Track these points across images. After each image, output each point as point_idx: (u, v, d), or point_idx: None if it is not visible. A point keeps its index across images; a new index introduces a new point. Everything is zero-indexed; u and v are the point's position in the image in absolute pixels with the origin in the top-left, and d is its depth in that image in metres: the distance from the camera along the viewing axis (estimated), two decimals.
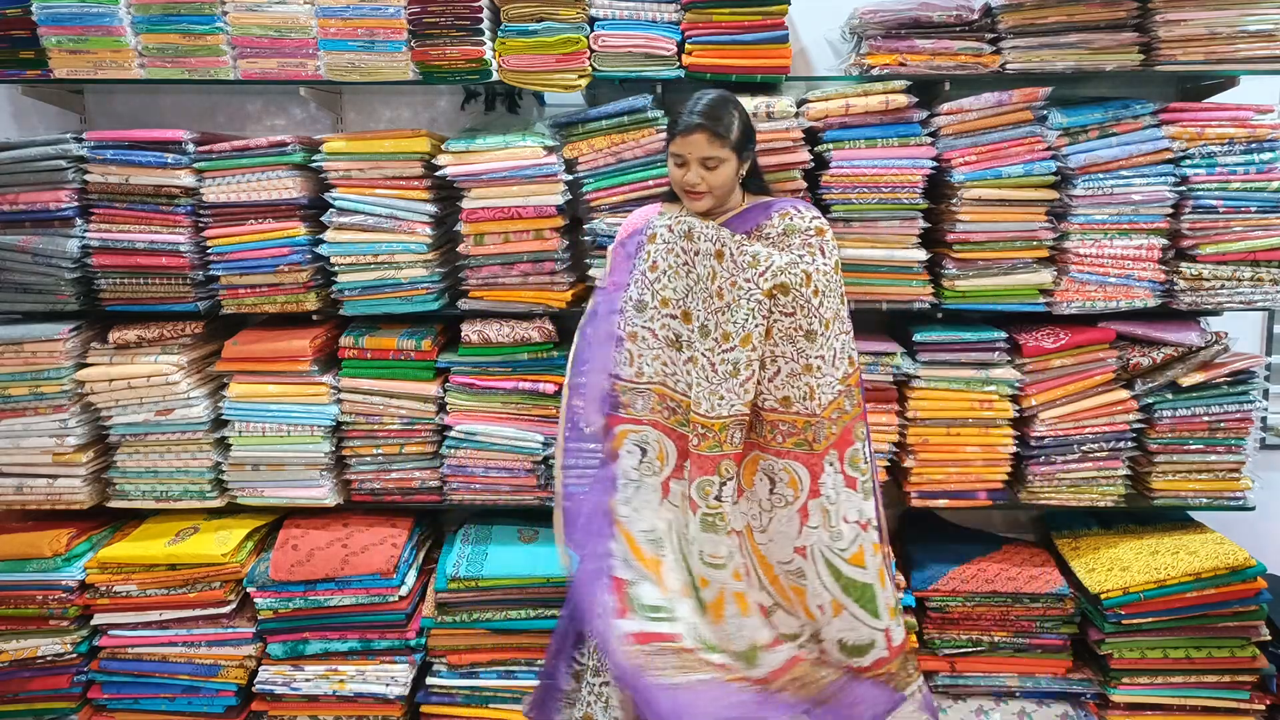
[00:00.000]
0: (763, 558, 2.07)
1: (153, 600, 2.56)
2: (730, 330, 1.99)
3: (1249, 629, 2.50)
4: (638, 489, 2.05)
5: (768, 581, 2.08)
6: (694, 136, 2.00)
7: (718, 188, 2.05)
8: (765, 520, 2.06)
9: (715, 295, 2.00)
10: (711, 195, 2.06)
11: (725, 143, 2.01)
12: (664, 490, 2.06)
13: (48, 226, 2.55)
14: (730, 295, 1.99)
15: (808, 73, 2.81)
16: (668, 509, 2.05)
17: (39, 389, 2.56)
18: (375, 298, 2.57)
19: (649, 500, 2.04)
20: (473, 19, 2.43)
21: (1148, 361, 2.53)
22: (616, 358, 2.06)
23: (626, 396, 2.08)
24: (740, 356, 1.98)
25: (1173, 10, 2.42)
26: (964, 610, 2.60)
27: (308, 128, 2.88)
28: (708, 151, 2.01)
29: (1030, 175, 2.45)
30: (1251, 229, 2.49)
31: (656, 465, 2.06)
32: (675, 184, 2.09)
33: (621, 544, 1.99)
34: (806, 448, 2.01)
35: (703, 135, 2.00)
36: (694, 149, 2.01)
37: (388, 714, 2.59)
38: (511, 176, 2.47)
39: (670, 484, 2.06)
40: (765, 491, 2.05)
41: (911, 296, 2.54)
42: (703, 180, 2.03)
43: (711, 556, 2.03)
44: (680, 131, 2.02)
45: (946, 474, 2.61)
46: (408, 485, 2.68)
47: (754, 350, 1.98)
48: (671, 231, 2.07)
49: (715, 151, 2.01)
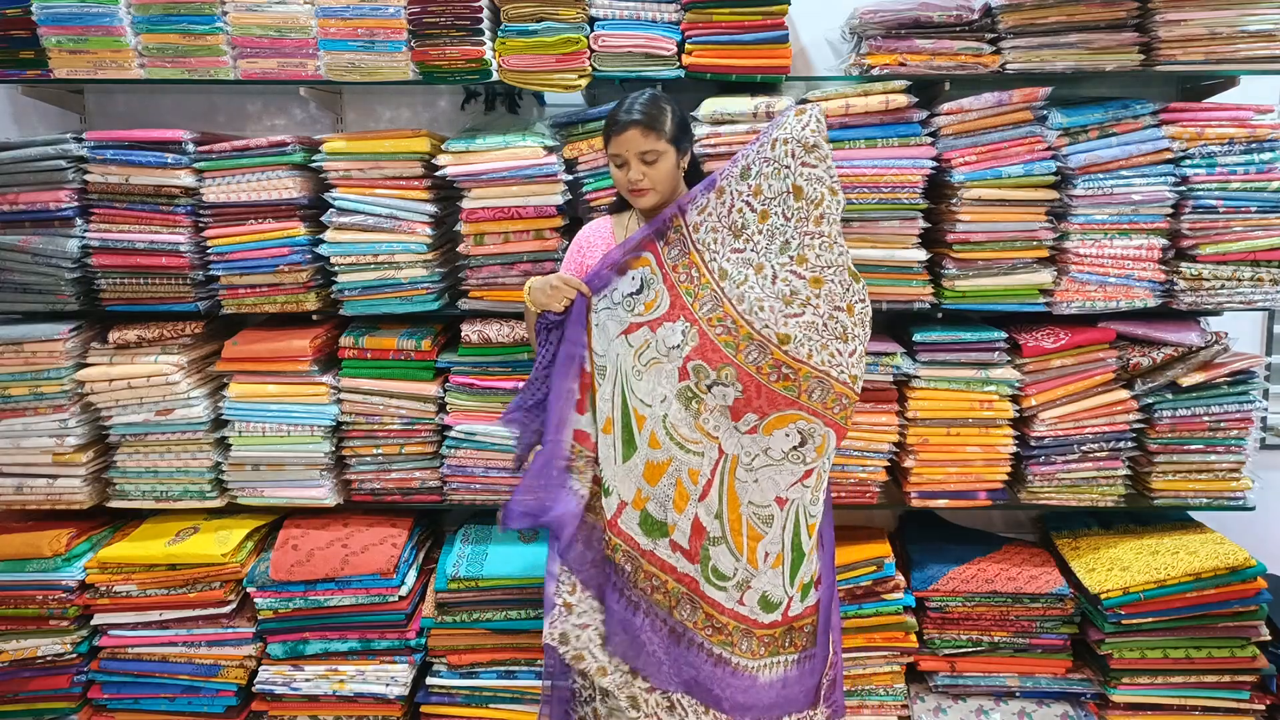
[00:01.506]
0: (734, 495, 2.06)
1: (153, 600, 2.56)
2: (808, 256, 1.99)
3: (1249, 629, 2.49)
4: (610, 311, 2.07)
5: (728, 517, 2.07)
6: (627, 134, 2.03)
7: (660, 182, 2.07)
8: (759, 464, 2.05)
9: (814, 220, 1.97)
10: (655, 191, 2.08)
11: (660, 136, 2.05)
12: (628, 329, 2.06)
13: (48, 226, 2.55)
14: (829, 232, 1.98)
15: (808, 73, 2.81)
16: (620, 344, 2.07)
17: (39, 389, 2.56)
18: (375, 298, 2.57)
19: (607, 327, 2.07)
20: (473, 19, 2.43)
21: (1148, 361, 2.53)
22: (699, 199, 2.03)
23: (675, 235, 2.05)
24: (801, 288, 1.99)
25: (1173, 10, 2.42)
26: (964, 610, 2.60)
27: (308, 128, 2.88)
28: (644, 146, 2.04)
29: (1030, 175, 2.45)
30: (1251, 229, 2.49)
31: (642, 308, 2.05)
32: (619, 187, 2.12)
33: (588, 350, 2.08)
34: (844, 419, 2.06)
35: (635, 130, 2.03)
36: (630, 145, 2.04)
37: (388, 714, 2.59)
38: (511, 176, 2.47)
39: (640, 328, 2.05)
40: (785, 446, 2.04)
41: (911, 297, 2.54)
42: (645, 176, 2.05)
43: (672, 426, 2.05)
44: (614, 132, 2.05)
45: (946, 474, 2.61)
46: (408, 485, 2.68)
47: (817, 298, 2.00)
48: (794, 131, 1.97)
49: (651, 145, 2.04)
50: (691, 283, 2.03)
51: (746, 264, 2.01)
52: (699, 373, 2.03)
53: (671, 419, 2.04)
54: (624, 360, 2.06)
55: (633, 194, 2.09)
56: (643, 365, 2.05)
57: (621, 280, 2.07)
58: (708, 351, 2.01)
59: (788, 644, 2.14)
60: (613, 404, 2.08)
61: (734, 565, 2.07)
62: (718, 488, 2.06)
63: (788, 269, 1.99)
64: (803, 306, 2.00)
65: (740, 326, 2.00)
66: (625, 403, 2.07)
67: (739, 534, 2.07)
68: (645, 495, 2.07)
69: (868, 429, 2.58)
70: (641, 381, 2.05)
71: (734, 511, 2.07)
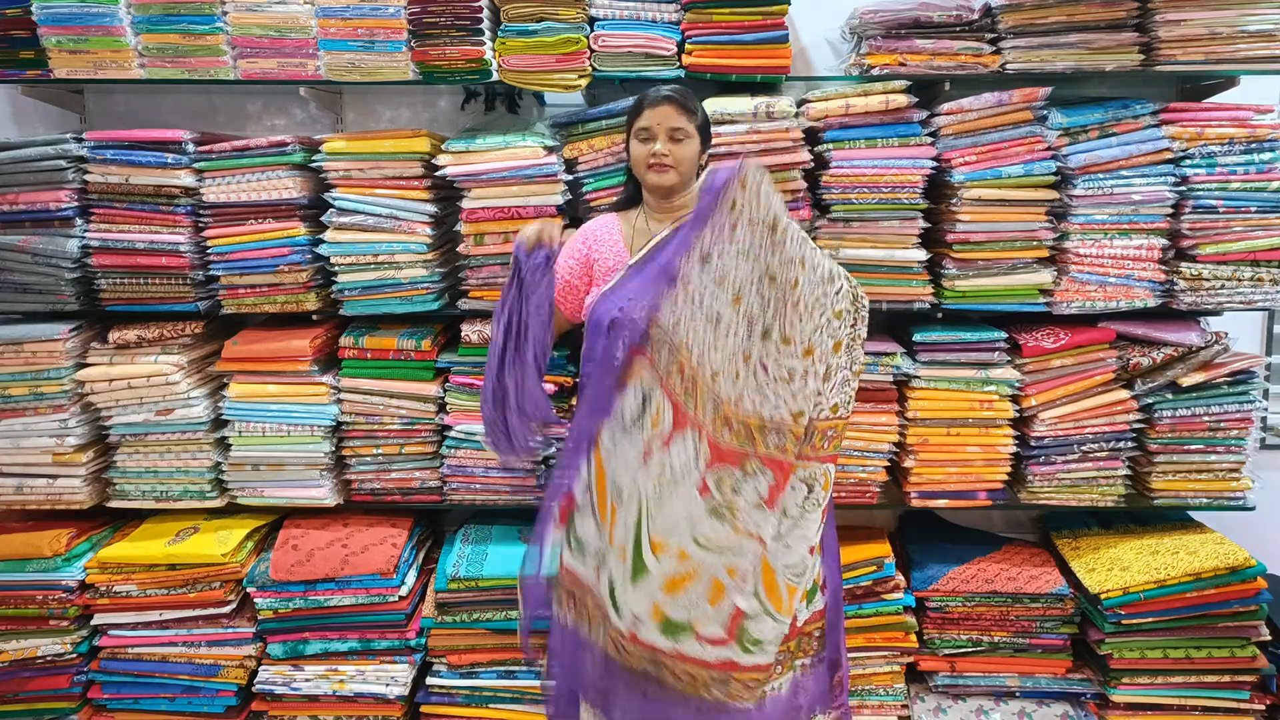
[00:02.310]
0: (771, 568, 1.98)
1: (153, 600, 2.56)
2: (792, 336, 1.92)
3: (1249, 629, 2.49)
4: (625, 435, 1.93)
5: (766, 590, 1.98)
6: (662, 108, 2.06)
7: (683, 162, 2.08)
8: (787, 530, 1.98)
9: (791, 305, 1.91)
10: (677, 171, 2.08)
11: (692, 118, 2.08)
12: (645, 453, 1.93)
13: (48, 226, 2.55)
14: (805, 303, 1.92)
15: (808, 73, 2.81)
16: (641, 474, 1.93)
17: (39, 389, 2.56)
18: (375, 298, 2.57)
19: (627, 455, 1.93)
20: (473, 19, 2.43)
21: (1148, 361, 2.53)
22: (666, 293, 1.89)
23: (657, 339, 1.91)
24: (797, 365, 1.93)
25: (1173, 10, 2.42)
26: (964, 610, 2.60)
27: (308, 128, 2.88)
28: (675, 122, 2.06)
29: (1030, 175, 2.45)
30: (1251, 229, 2.49)
31: (649, 426, 1.92)
32: (639, 164, 2.11)
33: (592, 471, 1.97)
34: (837, 447, 2.02)
35: (671, 106, 2.06)
36: (662, 119, 2.06)
37: (388, 714, 2.59)
38: (511, 176, 2.47)
39: (653, 450, 1.92)
40: (799, 499, 1.98)
41: (911, 296, 2.54)
42: (670, 153, 2.06)
43: (706, 539, 1.94)
44: (648, 105, 2.08)
45: (946, 474, 2.61)
46: (408, 485, 2.68)
47: (813, 364, 1.94)
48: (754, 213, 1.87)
49: (682, 124, 2.06)
50: (687, 389, 1.92)
51: (734, 356, 1.91)
52: (722, 482, 1.92)
53: (704, 534, 1.94)
54: (645, 487, 1.93)
55: (653, 169, 2.08)
56: (662, 492, 1.92)
57: (625, 397, 1.94)
58: (725, 457, 1.92)
59: (799, 651, 2.13)
60: (627, 530, 1.96)
61: (774, 626, 2.00)
62: (756, 572, 1.97)
63: (774, 356, 1.92)
64: (804, 379, 1.94)
65: (749, 422, 1.93)
66: (639, 533, 1.95)
67: (778, 598, 1.99)
68: (665, 607, 1.96)
69: (868, 429, 2.58)
70: (662, 511, 1.92)
71: (771, 581, 1.98)
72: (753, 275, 1.90)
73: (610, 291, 2.10)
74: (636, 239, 2.17)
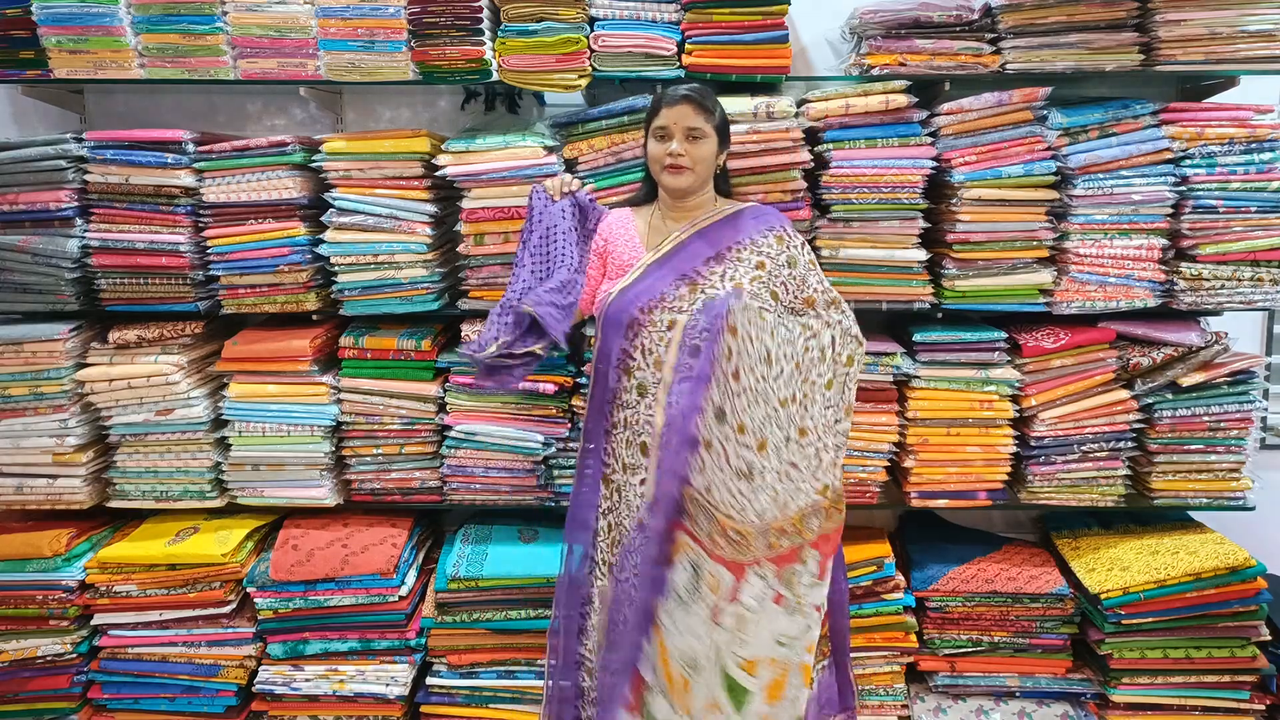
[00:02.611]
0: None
1: (153, 600, 2.56)
2: (807, 426, 2.00)
3: (1249, 629, 2.49)
4: (685, 610, 1.94)
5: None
6: (680, 107, 2.05)
7: (700, 163, 2.07)
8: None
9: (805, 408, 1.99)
10: (693, 171, 2.07)
11: (710, 117, 2.07)
12: (714, 616, 1.95)
13: (48, 226, 2.55)
14: (801, 395, 1.99)
15: (808, 73, 2.81)
16: (717, 633, 1.96)
17: (39, 389, 2.56)
18: (375, 298, 2.57)
19: (694, 625, 1.95)
20: (473, 19, 2.43)
21: (1148, 361, 2.53)
22: (691, 461, 1.91)
23: (693, 508, 1.93)
24: (815, 445, 2.01)
25: (1173, 10, 2.42)
26: (964, 610, 2.60)
27: (308, 128, 2.88)
28: (693, 122, 2.04)
29: (1030, 175, 2.45)
30: (1251, 229, 2.49)
31: (708, 593, 1.94)
32: (655, 163, 2.10)
33: (654, 649, 1.95)
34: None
35: (689, 105, 2.04)
36: (681, 118, 2.04)
37: (388, 714, 2.59)
38: (511, 176, 2.46)
39: (722, 608, 1.96)
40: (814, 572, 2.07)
41: (911, 297, 2.54)
42: (686, 153, 2.05)
43: (787, 636, 2.02)
44: (666, 104, 2.06)
45: (946, 474, 2.61)
46: (408, 485, 2.68)
47: (825, 438, 2.02)
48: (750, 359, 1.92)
49: (700, 124, 2.05)
50: (736, 545, 1.94)
51: (772, 488, 1.96)
52: (791, 583, 2.01)
53: (784, 633, 2.02)
54: (720, 638, 1.96)
55: (669, 170, 2.07)
56: (744, 628, 1.98)
57: (674, 573, 1.95)
58: (785, 559, 2.00)
59: (819, 654, 2.17)
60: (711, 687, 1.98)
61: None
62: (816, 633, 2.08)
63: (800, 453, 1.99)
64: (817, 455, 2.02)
65: (794, 520, 2.00)
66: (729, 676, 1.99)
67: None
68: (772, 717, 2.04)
69: (868, 429, 2.58)
70: (746, 642, 1.98)
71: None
72: (768, 412, 1.94)
73: (628, 288, 2.09)
74: (652, 235, 2.16)
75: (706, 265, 2.08)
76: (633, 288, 2.07)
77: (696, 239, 2.11)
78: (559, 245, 2.10)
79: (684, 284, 2.06)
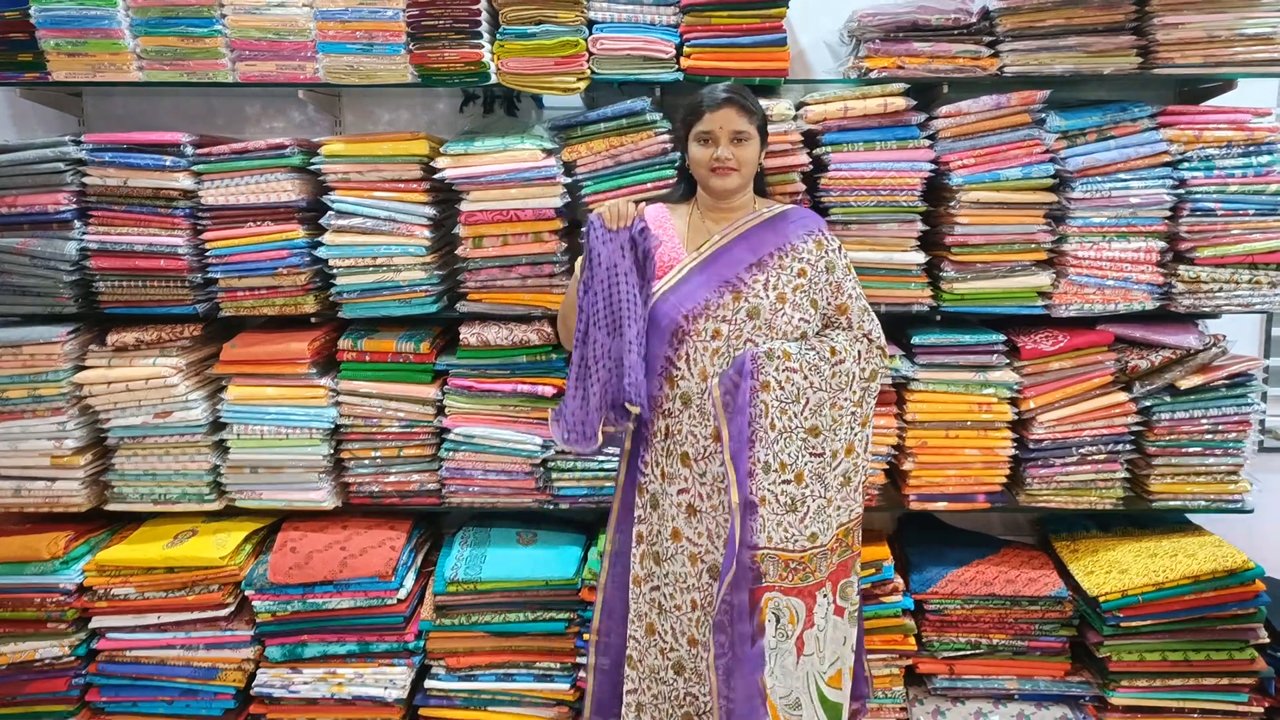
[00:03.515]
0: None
1: (151, 603, 2.56)
2: (838, 448, 2.06)
3: (1247, 631, 2.50)
4: (778, 657, 2.03)
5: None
6: (724, 110, 2.03)
7: (746, 164, 2.06)
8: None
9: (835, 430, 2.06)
10: (739, 173, 2.06)
11: (753, 118, 2.06)
12: (799, 647, 2.05)
13: (46, 229, 2.54)
14: (830, 420, 2.05)
15: (806, 76, 2.81)
16: (804, 662, 2.06)
17: (37, 391, 2.56)
18: (374, 300, 2.57)
19: (785, 664, 2.03)
20: (471, 22, 2.43)
21: (1146, 364, 2.53)
22: (752, 525, 1.97)
23: (765, 565, 2.00)
24: (847, 464, 2.09)
25: (1170, 13, 2.42)
26: (962, 613, 2.60)
27: (306, 130, 2.88)
28: (738, 125, 2.03)
29: (1028, 178, 2.45)
30: (1249, 232, 2.49)
31: (789, 628, 2.03)
32: (700, 166, 2.08)
33: (766, 708, 2.01)
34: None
35: (733, 109, 2.03)
36: (725, 121, 2.03)
37: (386, 717, 2.59)
38: (510, 179, 2.46)
39: (804, 640, 2.05)
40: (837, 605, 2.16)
41: (910, 299, 2.54)
42: (733, 156, 2.04)
43: (845, 639, 2.15)
44: (708, 108, 2.04)
45: (945, 477, 2.61)
46: (406, 488, 2.68)
47: (856, 454, 2.10)
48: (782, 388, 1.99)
49: (744, 126, 2.04)
50: (804, 572, 2.04)
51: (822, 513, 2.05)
52: (847, 594, 2.14)
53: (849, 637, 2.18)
54: (807, 666, 2.07)
55: (717, 173, 2.06)
56: (825, 646, 2.09)
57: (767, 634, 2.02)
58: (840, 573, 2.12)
59: None
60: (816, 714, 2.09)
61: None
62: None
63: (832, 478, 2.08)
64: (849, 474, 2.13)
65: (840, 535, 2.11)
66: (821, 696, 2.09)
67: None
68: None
69: None
70: (825, 659, 2.10)
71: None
72: (799, 444, 2.01)
73: (669, 291, 2.08)
74: (693, 236, 2.15)
75: (749, 272, 2.07)
76: (675, 291, 2.08)
77: (739, 242, 2.10)
78: (622, 290, 2.03)
79: (728, 291, 2.06)
